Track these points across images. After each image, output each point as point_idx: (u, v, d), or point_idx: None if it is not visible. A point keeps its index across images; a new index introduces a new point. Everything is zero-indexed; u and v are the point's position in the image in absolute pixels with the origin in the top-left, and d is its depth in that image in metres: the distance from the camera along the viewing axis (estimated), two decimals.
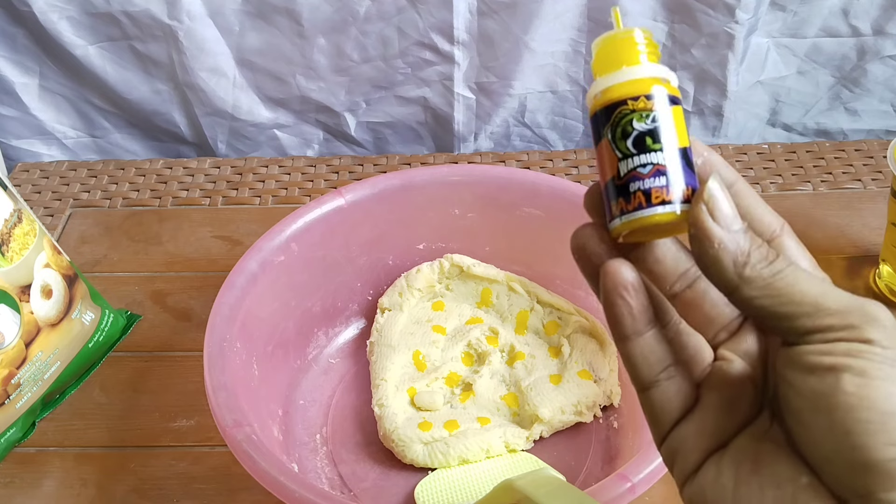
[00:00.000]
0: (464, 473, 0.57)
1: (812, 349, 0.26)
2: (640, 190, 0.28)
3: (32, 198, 0.83)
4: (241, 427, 0.49)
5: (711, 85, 0.87)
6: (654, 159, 0.28)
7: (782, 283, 0.27)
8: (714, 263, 0.27)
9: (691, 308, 0.30)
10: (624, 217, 0.28)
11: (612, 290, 0.29)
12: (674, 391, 0.30)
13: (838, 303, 0.26)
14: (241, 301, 0.57)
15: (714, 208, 0.27)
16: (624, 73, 0.29)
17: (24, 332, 0.59)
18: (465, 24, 0.83)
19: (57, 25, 0.81)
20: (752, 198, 0.30)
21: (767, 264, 0.27)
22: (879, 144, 0.87)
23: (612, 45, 0.30)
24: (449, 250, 0.68)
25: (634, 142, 0.28)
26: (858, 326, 0.26)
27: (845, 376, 0.25)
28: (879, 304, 0.26)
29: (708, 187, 0.27)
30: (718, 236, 0.27)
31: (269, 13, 0.82)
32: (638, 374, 0.30)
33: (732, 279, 0.27)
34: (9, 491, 0.59)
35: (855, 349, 0.25)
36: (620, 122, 0.28)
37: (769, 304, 0.27)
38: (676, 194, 0.28)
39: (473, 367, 0.64)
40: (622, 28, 0.30)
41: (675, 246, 0.29)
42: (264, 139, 0.92)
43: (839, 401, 0.25)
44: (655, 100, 0.28)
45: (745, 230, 0.28)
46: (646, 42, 0.29)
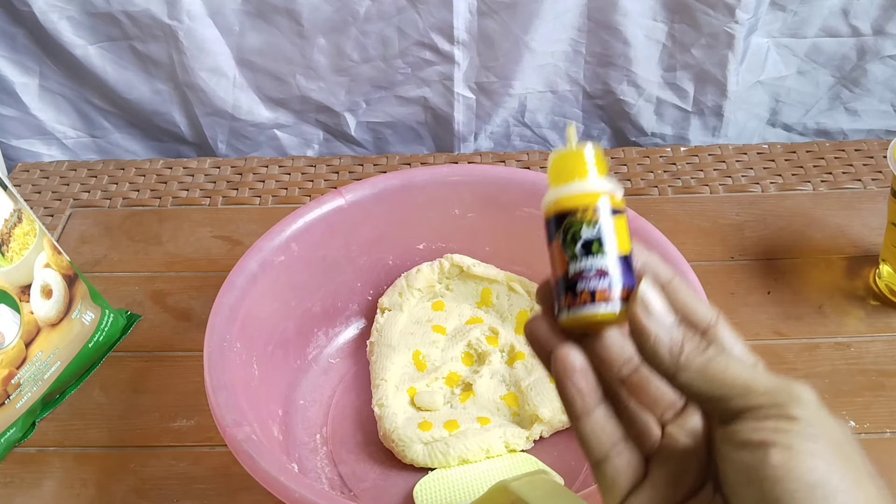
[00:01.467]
0: (462, 473, 0.57)
1: (743, 427, 0.29)
2: (586, 289, 0.31)
3: (32, 198, 0.83)
4: (241, 427, 0.49)
5: (711, 85, 0.87)
6: (599, 263, 0.32)
7: (715, 370, 0.30)
8: (652, 355, 0.31)
9: (638, 390, 0.32)
10: (571, 311, 0.32)
11: (562, 374, 0.32)
12: (624, 465, 0.32)
13: (766, 385, 0.29)
14: (241, 301, 0.57)
15: (648, 306, 0.31)
16: (575, 185, 0.32)
17: (24, 332, 0.59)
18: (465, 24, 0.83)
19: (57, 25, 0.81)
20: (688, 293, 0.33)
21: (700, 353, 0.30)
22: (879, 144, 0.87)
23: (565, 161, 0.33)
24: (449, 250, 0.68)
25: (582, 246, 0.32)
26: (784, 405, 0.28)
27: (772, 451, 0.27)
28: (804, 385, 0.29)
29: (640, 289, 0.31)
30: (653, 331, 0.31)
31: (269, 13, 0.82)
32: (590, 449, 0.33)
33: (669, 367, 0.30)
34: (9, 491, 0.59)
35: (782, 426, 0.28)
36: (571, 229, 0.32)
37: (705, 389, 0.30)
38: (617, 294, 0.31)
39: (473, 367, 0.64)
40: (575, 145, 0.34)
41: (619, 335, 0.32)
42: (264, 139, 0.92)
43: (767, 473, 0.27)
44: (601, 212, 0.32)
45: (677, 324, 0.31)
46: (595, 159, 0.33)
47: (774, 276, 0.73)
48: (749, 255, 0.75)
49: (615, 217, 0.32)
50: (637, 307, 0.31)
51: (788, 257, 0.75)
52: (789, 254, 0.75)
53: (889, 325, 0.69)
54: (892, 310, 0.70)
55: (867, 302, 0.70)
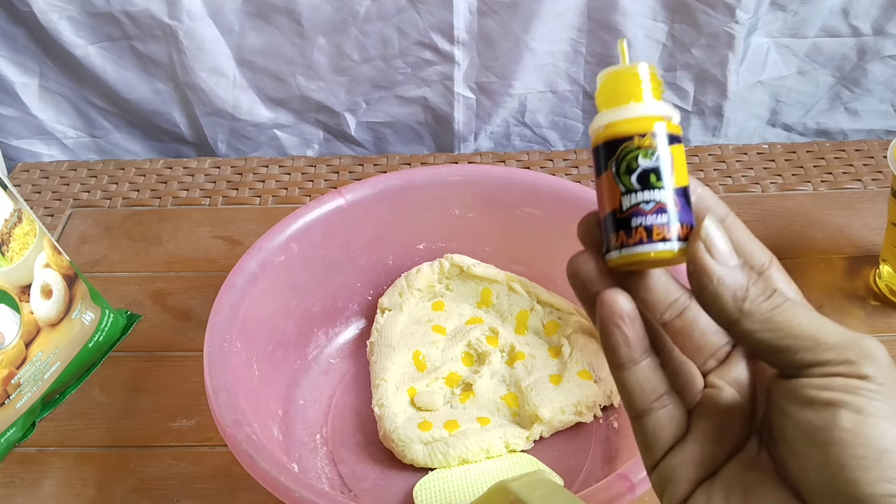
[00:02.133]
0: (462, 473, 0.57)
1: (810, 383, 0.27)
2: (642, 225, 0.29)
3: (32, 198, 0.83)
4: (241, 427, 0.49)
5: (711, 85, 0.87)
6: (657, 196, 0.29)
7: (782, 318, 0.28)
8: (714, 299, 0.28)
9: (681, 336, 0.31)
10: (624, 250, 0.29)
11: (608, 320, 0.30)
12: (667, 420, 0.30)
13: (836, 337, 0.27)
14: (241, 301, 0.57)
15: (711, 246, 0.28)
16: (630, 108, 0.29)
17: (24, 332, 0.59)
18: (465, 23, 0.83)
19: (57, 25, 0.81)
20: (743, 232, 0.31)
21: (766, 298, 0.28)
22: (879, 144, 0.87)
23: (618, 80, 0.30)
24: (449, 250, 0.68)
25: (639, 178, 0.29)
26: (855, 362, 0.26)
27: (842, 412, 0.26)
28: (875, 340, 0.27)
29: (704, 226, 0.29)
30: (717, 273, 0.28)
31: (269, 13, 0.82)
32: (632, 402, 0.31)
33: (732, 314, 0.28)
34: (9, 491, 0.59)
35: (852, 385, 0.26)
36: (626, 158, 0.29)
37: (769, 338, 0.28)
38: (675, 232, 0.29)
39: (473, 367, 0.64)
40: (628, 63, 0.31)
41: (665, 276, 0.30)
42: (264, 139, 0.92)
43: (835, 436, 0.26)
44: (659, 138, 0.29)
45: (741, 266, 0.29)
46: (651, 78, 0.30)
47: None
48: None
49: (672, 145, 0.29)
50: (700, 246, 0.28)
51: (788, 257, 0.75)
52: (789, 254, 0.75)
53: (889, 325, 0.69)
54: (892, 310, 0.70)
55: (867, 302, 0.70)
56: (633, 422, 0.31)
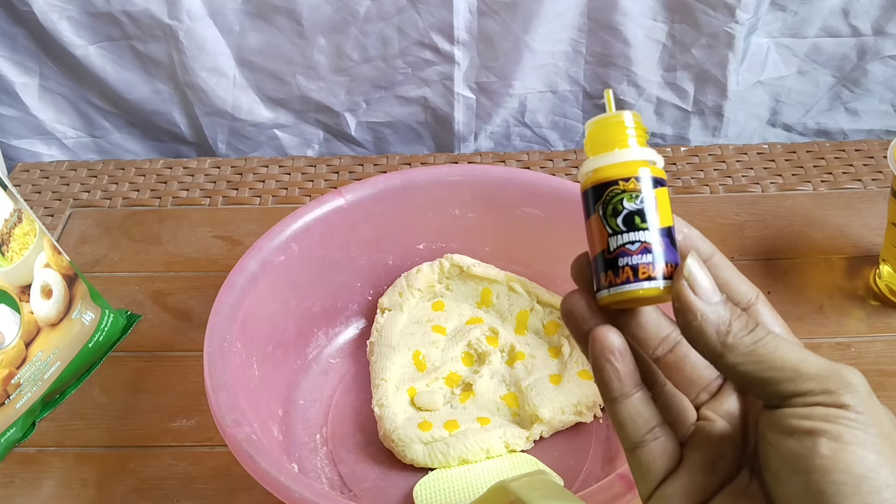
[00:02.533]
0: (462, 473, 0.57)
1: (792, 412, 0.28)
2: (628, 265, 0.30)
3: (32, 198, 0.83)
4: (241, 427, 0.49)
5: (711, 85, 0.87)
6: (642, 237, 0.30)
7: (764, 350, 0.29)
8: (698, 334, 0.29)
9: (673, 371, 0.32)
10: (612, 289, 0.30)
11: (600, 355, 0.31)
12: (659, 451, 0.31)
13: (817, 368, 0.28)
14: (241, 301, 0.57)
15: (694, 284, 0.30)
16: (616, 154, 0.31)
17: (24, 332, 0.59)
18: (465, 23, 0.83)
19: (57, 25, 0.81)
20: (729, 269, 0.32)
21: (748, 332, 0.29)
22: (879, 144, 0.87)
23: (605, 128, 0.32)
24: (449, 250, 0.68)
25: (624, 220, 0.30)
26: (835, 392, 0.27)
27: (822, 440, 0.27)
28: (854, 370, 0.28)
29: (687, 264, 0.30)
30: (700, 309, 0.29)
31: (269, 13, 0.82)
32: (626, 434, 0.32)
33: (716, 348, 0.29)
34: (9, 491, 0.59)
35: (832, 414, 0.27)
36: (612, 201, 0.31)
37: (753, 370, 0.29)
38: (661, 271, 0.30)
39: (473, 367, 0.64)
40: (614, 111, 0.32)
41: (656, 313, 0.31)
42: (264, 139, 0.92)
43: (815, 463, 0.27)
44: (643, 182, 0.30)
45: (724, 301, 0.30)
46: (635, 125, 0.32)
47: (774, 277, 0.73)
48: (749, 255, 0.75)
49: (657, 188, 0.31)
50: (683, 284, 0.30)
51: (788, 257, 0.75)
52: (789, 254, 0.75)
53: (889, 325, 0.69)
54: (892, 310, 0.70)
55: (867, 302, 0.70)
56: (627, 454, 0.32)
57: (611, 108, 0.33)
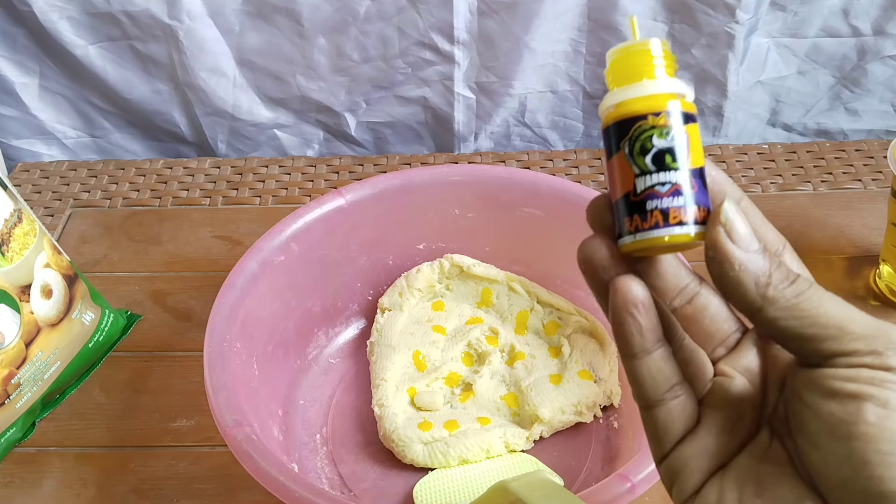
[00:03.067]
0: (462, 473, 0.57)
1: (834, 373, 0.26)
2: (657, 209, 0.28)
3: (32, 198, 0.83)
4: (241, 427, 0.49)
5: (711, 85, 0.87)
6: (673, 178, 0.28)
7: (807, 305, 0.27)
8: (736, 285, 0.27)
9: (691, 323, 0.30)
10: (639, 235, 0.28)
11: (622, 308, 0.28)
12: (678, 411, 0.29)
13: (863, 327, 0.26)
14: (241, 301, 0.57)
15: (731, 230, 0.27)
16: (643, 86, 0.28)
17: (24, 332, 0.59)
18: (466, 23, 0.83)
19: (57, 25, 0.81)
20: (758, 216, 0.29)
21: (789, 284, 0.27)
22: (879, 144, 0.87)
23: (630, 57, 0.29)
24: (449, 250, 0.68)
25: (654, 159, 0.28)
26: (883, 353, 0.26)
27: (868, 405, 0.25)
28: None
29: (724, 209, 0.27)
30: (739, 258, 0.27)
31: (269, 13, 0.82)
32: (644, 392, 0.30)
33: (755, 300, 0.27)
34: (9, 491, 0.59)
35: (879, 377, 0.25)
36: (640, 138, 0.28)
37: (794, 326, 0.27)
38: (693, 215, 0.28)
39: (473, 367, 0.64)
40: (639, 39, 0.29)
41: (675, 261, 0.29)
42: (264, 139, 0.92)
43: (860, 430, 0.25)
44: (674, 117, 0.28)
45: (762, 250, 0.27)
46: (664, 54, 0.29)
47: None
48: None
49: (688, 125, 0.28)
50: (720, 231, 0.27)
51: None
52: None
53: None
54: (892, 310, 0.70)
55: (867, 302, 0.70)
56: (643, 412, 0.30)
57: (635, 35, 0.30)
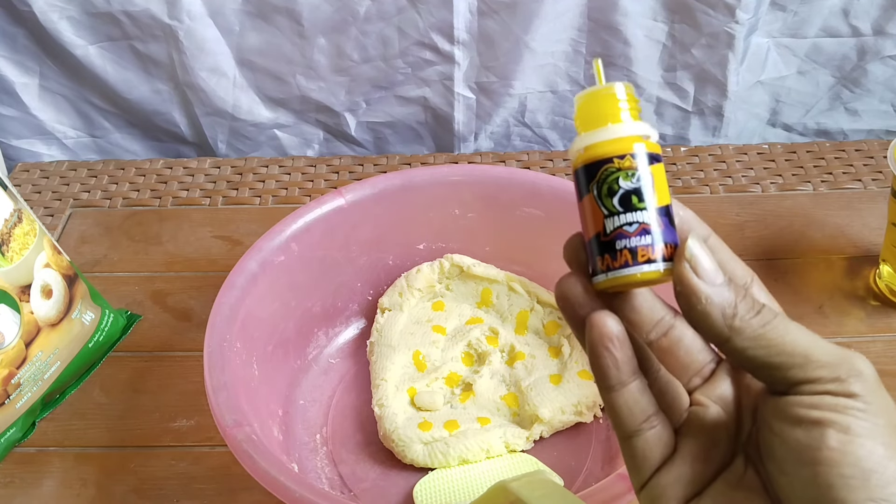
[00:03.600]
0: (462, 473, 0.57)
1: (799, 401, 0.27)
2: (626, 248, 0.29)
3: (32, 198, 0.83)
4: (241, 427, 0.49)
5: (711, 85, 0.87)
6: (640, 218, 0.29)
7: (773, 334, 0.28)
8: (703, 318, 0.28)
9: (666, 355, 0.31)
10: (610, 273, 0.29)
11: (597, 343, 0.30)
12: (655, 440, 0.31)
13: (827, 355, 0.27)
14: (241, 301, 0.57)
15: (697, 265, 0.28)
16: (609, 130, 0.29)
17: (24, 332, 0.59)
18: (466, 23, 0.83)
19: (57, 25, 0.81)
20: (725, 252, 0.31)
21: (755, 314, 0.28)
22: (880, 144, 0.87)
23: (596, 101, 0.30)
24: (449, 250, 0.68)
25: (621, 200, 0.29)
26: (845, 380, 0.27)
27: (830, 431, 0.26)
28: (862, 357, 0.28)
29: (688, 246, 0.29)
30: (704, 292, 0.28)
31: (269, 13, 0.82)
32: (621, 423, 0.31)
33: (722, 331, 0.28)
34: (9, 491, 0.59)
35: (841, 404, 0.26)
36: (607, 180, 0.29)
37: (761, 355, 0.28)
38: (660, 252, 0.29)
39: (473, 367, 0.64)
40: (604, 84, 0.30)
41: (650, 295, 0.30)
42: (264, 139, 0.92)
43: (823, 455, 0.26)
44: (639, 158, 0.29)
45: (727, 283, 0.29)
46: (627, 98, 0.30)
47: (774, 276, 0.73)
48: (749, 255, 0.75)
49: (653, 164, 0.29)
50: (685, 266, 0.28)
51: (788, 257, 0.75)
52: (789, 254, 0.75)
53: (889, 325, 0.69)
54: (892, 310, 0.70)
55: (867, 302, 0.70)
56: (621, 442, 0.31)
57: (601, 80, 0.31)
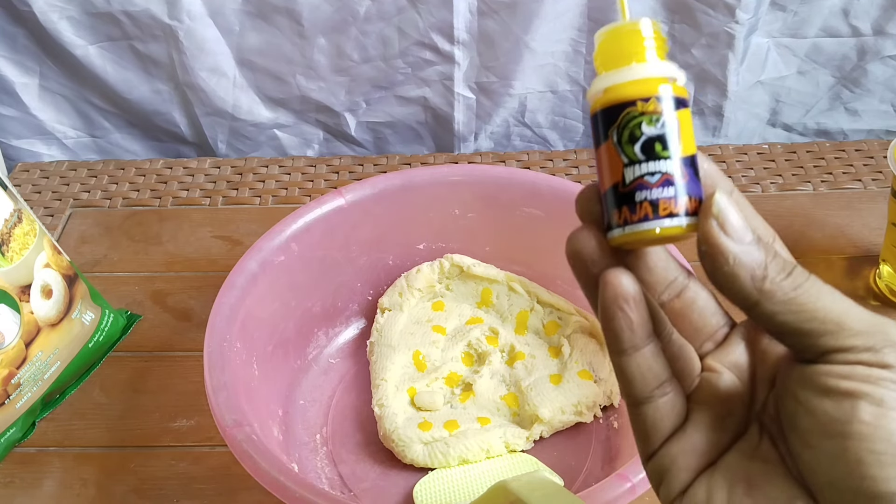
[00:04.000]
0: (462, 473, 0.57)
1: (829, 370, 0.25)
2: (647, 200, 0.26)
3: (32, 198, 0.83)
4: (241, 427, 0.49)
5: (711, 85, 0.87)
6: (663, 167, 0.26)
7: (805, 298, 0.26)
8: (730, 280, 0.26)
9: (679, 317, 0.29)
10: (627, 228, 0.27)
11: (612, 302, 0.27)
12: (667, 408, 0.29)
13: (861, 323, 0.25)
14: (241, 301, 0.57)
15: (725, 222, 0.26)
16: (632, 70, 0.27)
17: (24, 332, 0.59)
18: (466, 23, 0.83)
19: (57, 25, 0.81)
20: (748, 208, 0.29)
21: (786, 276, 0.26)
22: (879, 144, 0.87)
23: (619, 38, 0.28)
24: (449, 250, 0.68)
25: (643, 147, 0.26)
26: (880, 350, 0.25)
27: (862, 404, 0.24)
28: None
29: (716, 200, 0.26)
30: (733, 251, 0.26)
31: (269, 13, 0.82)
32: (632, 389, 0.29)
33: (751, 294, 0.26)
34: (9, 491, 0.59)
35: (874, 375, 0.25)
36: (628, 125, 0.26)
37: (792, 321, 0.26)
38: (683, 206, 0.26)
39: (473, 367, 0.64)
40: (629, 19, 0.28)
41: (664, 254, 0.29)
42: (264, 139, 0.92)
43: (854, 429, 0.24)
44: (664, 102, 0.26)
45: (757, 241, 0.26)
46: (654, 36, 0.27)
47: None
48: None
49: (679, 110, 0.27)
50: (712, 223, 0.26)
51: None
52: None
53: None
54: (892, 310, 0.70)
55: (867, 302, 0.70)
56: (630, 409, 0.30)
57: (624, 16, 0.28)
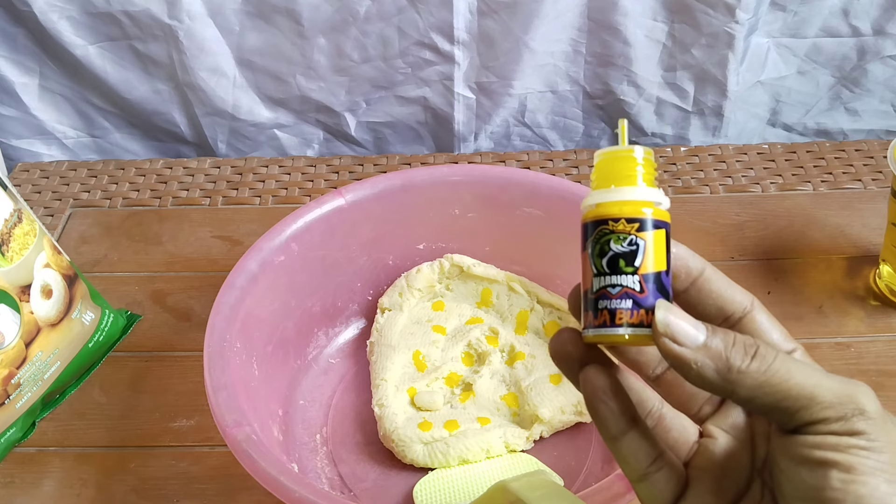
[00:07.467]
0: (462, 473, 0.57)
1: (804, 441, 0.27)
2: (606, 308, 0.29)
3: (32, 198, 0.83)
4: (241, 427, 0.49)
5: (711, 85, 0.87)
6: (624, 282, 0.29)
7: (777, 379, 0.27)
8: (701, 380, 0.28)
9: (673, 388, 0.31)
10: (591, 330, 0.30)
11: (592, 396, 0.30)
12: (664, 481, 0.31)
13: (832, 393, 0.27)
14: (241, 301, 0.57)
15: (674, 334, 0.28)
16: (612, 192, 0.30)
17: (24, 332, 0.59)
18: (466, 23, 0.83)
19: (57, 25, 0.81)
20: (722, 281, 0.31)
21: (751, 360, 0.28)
22: (879, 144, 0.87)
23: (610, 162, 0.31)
24: (449, 250, 0.68)
25: (609, 262, 0.29)
26: (849, 419, 0.27)
27: (833, 472, 0.26)
28: (865, 389, 0.28)
29: (657, 318, 0.28)
30: (691, 357, 0.28)
31: (269, 13, 0.82)
32: (629, 468, 0.31)
33: (725, 386, 0.28)
34: (9, 491, 0.59)
35: (843, 443, 0.27)
36: (600, 241, 0.30)
37: (769, 402, 0.28)
38: (640, 318, 0.29)
39: (473, 367, 0.64)
40: (625, 145, 0.31)
41: None
42: (264, 139, 0.92)
43: (826, 495, 0.26)
44: (638, 224, 0.29)
45: (712, 334, 0.28)
46: (643, 163, 0.30)
47: (774, 277, 0.73)
48: (749, 255, 0.75)
49: (655, 230, 0.29)
50: (664, 341, 0.28)
51: (788, 257, 0.75)
52: (789, 254, 0.75)
53: (889, 325, 0.69)
54: (892, 310, 0.70)
55: (867, 302, 0.70)
56: (633, 485, 0.31)
57: (623, 141, 0.31)
